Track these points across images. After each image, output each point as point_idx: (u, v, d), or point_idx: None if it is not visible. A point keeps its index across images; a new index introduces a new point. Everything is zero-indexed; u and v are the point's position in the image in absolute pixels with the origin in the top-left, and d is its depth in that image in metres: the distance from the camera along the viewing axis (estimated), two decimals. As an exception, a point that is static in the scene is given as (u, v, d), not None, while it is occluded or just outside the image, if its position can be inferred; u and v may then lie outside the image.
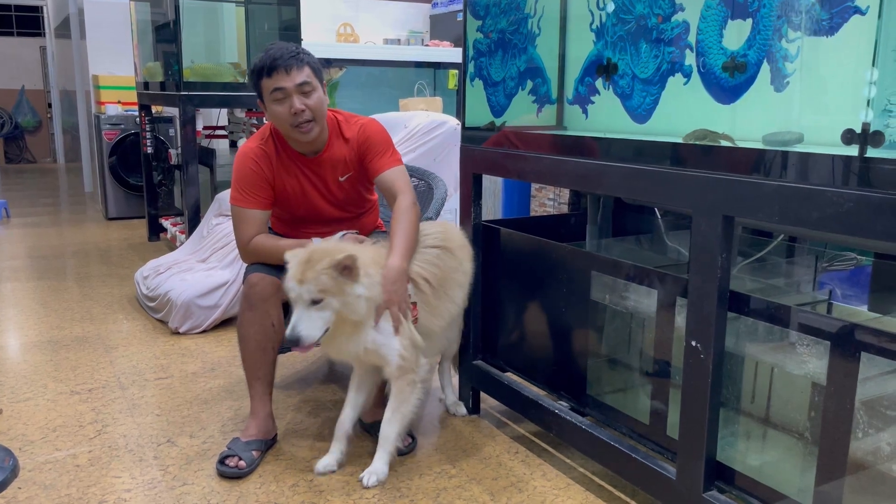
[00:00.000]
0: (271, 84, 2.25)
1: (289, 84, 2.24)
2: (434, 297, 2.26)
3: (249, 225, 2.35)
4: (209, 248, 3.99)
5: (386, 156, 2.40)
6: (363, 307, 2.03)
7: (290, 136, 2.33)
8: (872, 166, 1.35)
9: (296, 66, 2.25)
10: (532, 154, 2.23)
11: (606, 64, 2.00)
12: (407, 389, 2.18)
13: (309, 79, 2.27)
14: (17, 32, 12.24)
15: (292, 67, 2.24)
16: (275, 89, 2.24)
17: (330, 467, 2.26)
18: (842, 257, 2.26)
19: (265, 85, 2.26)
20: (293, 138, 2.32)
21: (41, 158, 12.36)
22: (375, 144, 2.41)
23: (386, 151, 2.41)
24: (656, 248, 2.59)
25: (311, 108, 2.27)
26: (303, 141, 2.31)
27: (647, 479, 1.94)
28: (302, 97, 2.25)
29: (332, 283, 1.97)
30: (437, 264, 2.29)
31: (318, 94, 2.29)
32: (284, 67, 2.23)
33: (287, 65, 2.23)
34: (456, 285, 2.37)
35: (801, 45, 1.50)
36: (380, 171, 2.38)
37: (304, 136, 2.28)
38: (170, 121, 6.31)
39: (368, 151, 2.40)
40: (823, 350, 1.58)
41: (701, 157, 1.68)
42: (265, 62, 2.24)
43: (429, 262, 2.28)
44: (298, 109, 2.24)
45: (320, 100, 2.30)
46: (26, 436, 2.49)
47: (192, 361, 3.20)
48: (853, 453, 1.52)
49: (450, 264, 2.34)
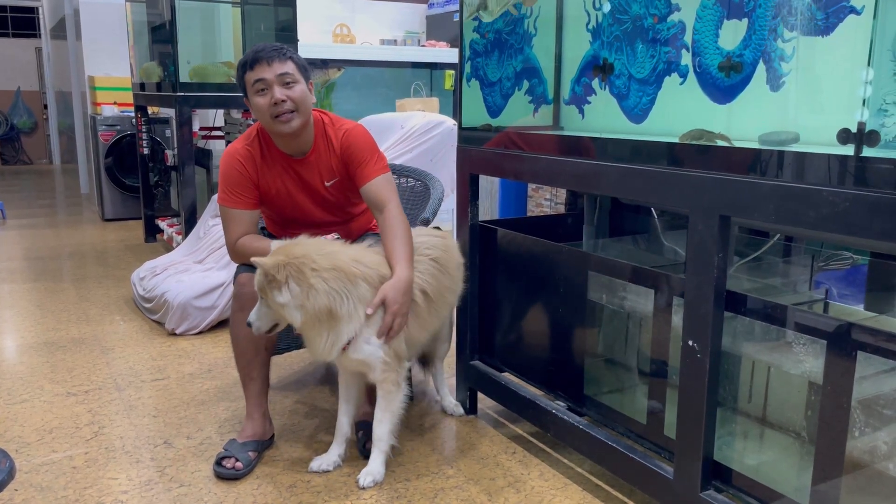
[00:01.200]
0: (253, 76, 2.25)
1: (269, 75, 2.23)
2: (427, 309, 2.25)
3: (236, 225, 2.35)
4: (206, 249, 3.99)
5: (370, 164, 2.35)
6: (289, 315, 2.03)
7: (272, 131, 2.30)
8: (868, 166, 1.35)
9: (278, 58, 2.25)
10: (529, 154, 2.23)
11: (603, 64, 2.00)
12: (392, 390, 2.18)
13: (291, 71, 2.26)
14: (12, 34, 12.22)
15: (274, 59, 2.24)
16: (256, 80, 2.24)
17: (324, 467, 2.27)
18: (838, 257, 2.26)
19: (248, 78, 2.26)
20: (276, 132, 2.29)
21: (37, 160, 12.34)
22: (358, 152, 2.36)
23: (370, 160, 2.36)
24: (653, 249, 2.59)
25: (294, 99, 2.25)
26: (284, 132, 2.27)
27: (645, 478, 1.94)
28: (283, 88, 2.24)
29: (265, 286, 2.03)
30: (435, 276, 2.29)
31: (301, 87, 2.28)
32: (266, 59, 2.24)
33: (269, 57, 2.24)
34: (446, 303, 2.39)
35: (796, 45, 1.51)
36: (364, 181, 2.34)
37: (284, 127, 2.25)
38: (166, 122, 6.31)
39: (352, 160, 2.36)
40: (820, 349, 1.58)
41: (697, 156, 1.68)
42: (249, 56, 2.26)
43: (428, 272, 2.27)
44: (279, 99, 2.22)
45: (304, 93, 2.28)
46: (23, 438, 2.48)
47: (189, 363, 3.20)
48: (850, 452, 1.52)
49: (444, 282, 2.34)
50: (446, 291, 2.36)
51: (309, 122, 2.34)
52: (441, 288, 2.32)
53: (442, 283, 2.33)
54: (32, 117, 12.30)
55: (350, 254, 2.13)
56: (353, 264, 2.09)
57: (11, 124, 12.11)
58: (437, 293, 2.29)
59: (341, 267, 2.05)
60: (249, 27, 5.19)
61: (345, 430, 2.30)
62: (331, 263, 2.04)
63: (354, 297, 2.06)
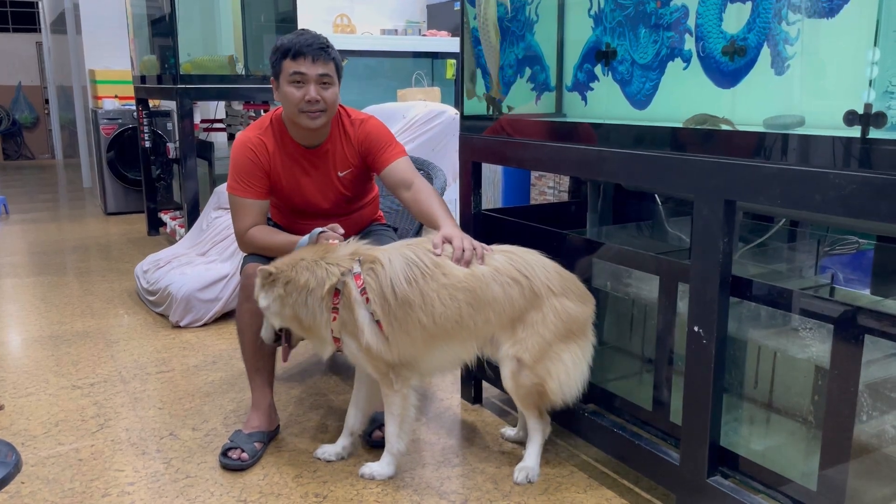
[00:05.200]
0: (293, 66, 2.24)
1: (311, 72, 2.24)
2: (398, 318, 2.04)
3: (246, 214, 2.35)
4: (209, 241, 3.98)
5: (389, 149, 2.40)
6: (270, 320, 2.11)
7: (293, 122, 2.31)
8: (875, 148, 1.34)
9: (323, 58, 2.25)
10: (532, 142, 2.22)
11: (605, 50, 1.99)
12: (387, 393, 2.12)
13: (331, 73, 2.28)
14: (13, 28, 12.20)
15: (319, 58, 2.24)
16: (295, 72, 2.24)
17: (327, 455, 2.27)
18: (843, 241, 2.25)
19: (286, 66, 2.25)
20: (296, 124, 2.30)
21: (39, 154, 12.34)
22: (377, 140, 2.40)
23: (389, 145, 2.41)
24: (657, 235, 2.58)
25: (326, 100, 2.27)
26: (306, 127, 2.29)
27: (651, 465, 1.94)
28: (319, 87, 2.25)
29: (259, 290, 2.08)
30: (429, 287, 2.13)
31: (334, 90, 2.30)
32: (312, 56, 2.23)
33: (315, 54, 2.23)
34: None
35: (801, 28, 1.49)
36: (386, 164, 2.38)
37: (309, 123, 2.28)
38: (167, 114, 6.29)
39: (371, 148, 2.40)
40: (826, 334, 1.57)
41: (701, 141, 1.67)
42: (294, 45, 2.23)
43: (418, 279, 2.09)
44: (313, 98, 2.24)
45: (335, 95, 2.31)
46: (29, 431, 2.49)
47: (194, 355, 3.20)
48: (857, 436, 1.52)
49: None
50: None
51: (331, 119, 2.35)
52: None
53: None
54: (34, 112, 12.29)
55: (314, 257, 2.07)
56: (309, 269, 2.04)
57: (13, 119, 12.11)
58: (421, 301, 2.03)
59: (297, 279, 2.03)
60: (249, 18, 5.18)
61: (351, 423, 2.29)
62: (294, 273, 2.04)
63: (313, 302, 2.02)
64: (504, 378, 2.11)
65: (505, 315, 2.05)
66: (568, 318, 2.05)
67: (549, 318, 2.04)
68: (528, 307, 2.04)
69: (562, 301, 2.05)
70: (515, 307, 2.04)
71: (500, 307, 2.04)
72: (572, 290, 2.08)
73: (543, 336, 2.04)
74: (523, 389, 2.08)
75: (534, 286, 2.04)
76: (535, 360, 2.04)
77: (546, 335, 2.04)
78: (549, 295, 2.05)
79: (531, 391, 2.08)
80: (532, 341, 2.04)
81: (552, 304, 2.04)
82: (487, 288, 2.03)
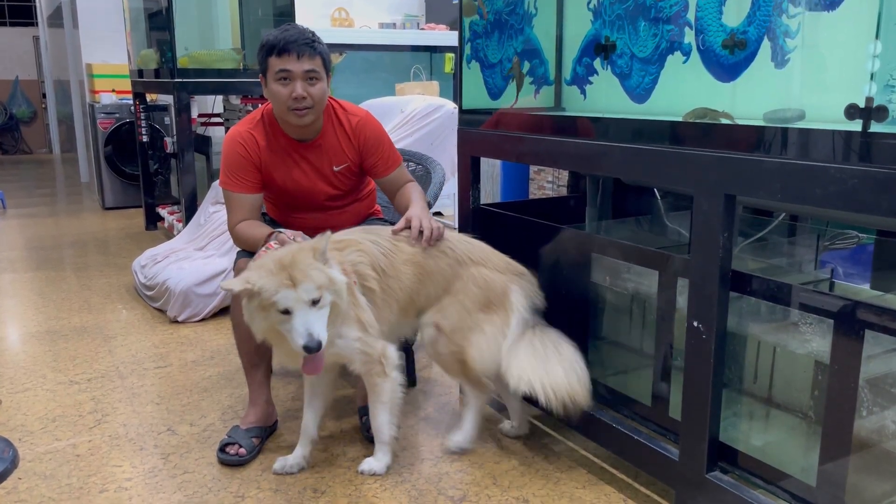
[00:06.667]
0: (279, 64, 2.22)
1: (296, 69, 2.21)
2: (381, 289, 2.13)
3: (238, 208, 2.34)
4: (207, 235, 3.97)
5: (389, 157, 2.44)
6: (345, 291, 1.93)
7: (283, 119, 2.30)
8: (876, 141, 1.33)
9: (308, 53, 2.22)
10: (530, 136, 2.21)
11: (604, 43, 1.98)
12: (378, 381, 2.11)
13: (317, 68, 2.25)
14: (9, 22, 12.16)
15: (304, 54, 2.22)
16: (281, 69, 2.22)
17: (288, 468, 2.18)
18: (843, 236, 2.25)
19: (272, 63, 2.23)
20: (286, 121, 2.29)
21: (37, 149, 12.32)
22: (376, 144, 2.43)
23: (387, 152, 2.44)
24: (656, 230, 2.57)
25: (313, 96, 2.24)
26: (295, 125, 2.28)
27: (650, 460, 1.93)
28: (306, 84, 2.23)
29: (324, 276, 1.87)
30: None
31: (322, 85, 2.27)
32: (297, 52, 2.21)
33: (300, 50, 2.21)
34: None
35: (802, 21, 1.48)
36: (386, 174, 2.45)
37: (297, 120, 2.26)
38: (165, 109, 6.27)
39: (369, 152, 2.42)
40: (826, 329, 1.57)
41: (701, 135, 1.66)
42: (279, 41, 2.21)
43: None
44: (300, 95, 2.22)
45: (323, 90, 2.28)
46: (26, 426, 2.48)
47: (191, 350, 3.19)
48: (857, 432, 1.51)
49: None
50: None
51: (321, 114, 2.33)
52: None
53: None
54: (31, 106, 12.27)
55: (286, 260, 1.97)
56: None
57: (10, 114, 12.08)
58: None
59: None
60: (247, 12, 5.15)
61: (310, 432, 2.22)
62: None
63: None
64: (425, 345, 2.23)
65: (440, 287, 2.17)
66: (485, 284, 2.16)
67: (468, 287, 2.16)
68: (454, 277, 2.17)
69: (480, 269, 2.18)
70: (446, 277, 2.17)
71: (436, 279, 2.17)
72: (492, 261, 2.21)
73: (463, 304, 2.15)
74: (442, 357, 2.19)
75: (458, 256, 2.19)
76: (453, 329, 2.15)
77: (466, 303, 2.15)
78: (469, 263, 2.18)
79: (451, 359, 2.18)
80: (452, 309, 2.16)
81: (471, 273, 2.18)
82: (426, 262, 2.16)
